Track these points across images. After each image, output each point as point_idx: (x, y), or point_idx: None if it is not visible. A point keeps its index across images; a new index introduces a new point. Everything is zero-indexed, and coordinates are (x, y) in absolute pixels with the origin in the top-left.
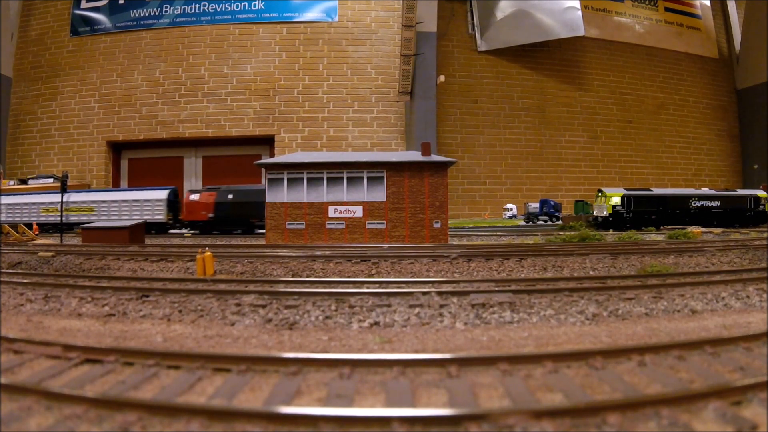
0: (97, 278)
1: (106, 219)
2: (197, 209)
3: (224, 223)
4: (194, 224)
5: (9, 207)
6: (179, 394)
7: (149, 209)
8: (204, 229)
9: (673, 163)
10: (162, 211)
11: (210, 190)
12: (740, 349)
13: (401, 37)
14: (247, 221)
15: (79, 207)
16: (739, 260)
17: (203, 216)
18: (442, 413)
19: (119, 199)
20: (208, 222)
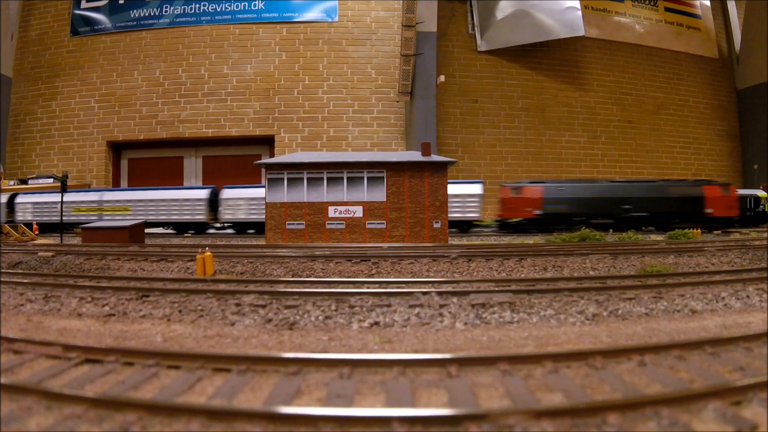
0: (97, 278)
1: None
2: (520, 205)
3: (553, 221)
4: (518, 223)
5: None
6: (179, 394)
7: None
8: (524, 228)
9: (673, 163)
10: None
11: (533, 184)
12: (740, 349)
13: (401, 37)
14: (583, 220)
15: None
16: (739, 260)
17: (527, 213)
18: (442, 413)
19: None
20: (533, 220)
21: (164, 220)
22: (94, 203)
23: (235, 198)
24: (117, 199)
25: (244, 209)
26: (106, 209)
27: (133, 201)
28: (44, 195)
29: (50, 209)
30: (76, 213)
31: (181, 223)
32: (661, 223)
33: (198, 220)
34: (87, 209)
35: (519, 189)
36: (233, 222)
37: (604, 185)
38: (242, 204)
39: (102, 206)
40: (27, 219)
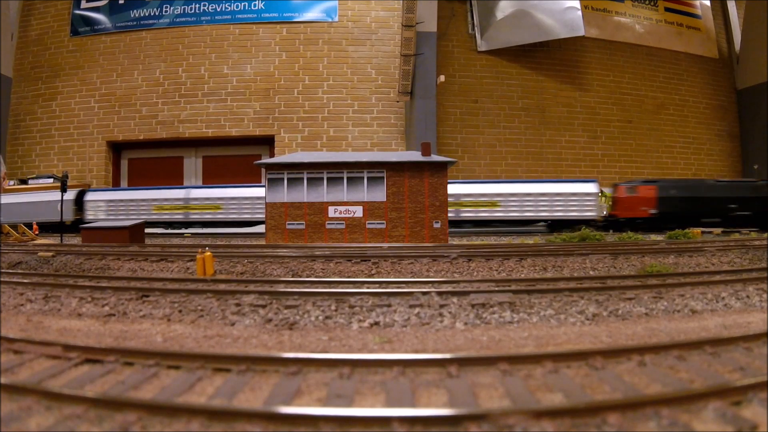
0: (97, 278)
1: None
2: (635, 204)
3: (667, 219)
4: (633, 221)
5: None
6: (179, 394)
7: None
8: (639, 227)
9: (673, 163)
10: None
11: (646, 184)
12: (740, 349)
13: (401, 37)
14: (695, 219)
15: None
16: (739, 260)
17: (643, 212)
18: (442, 413)
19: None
20: (647, 219)
21: (261, 219)
22: (180, 201)
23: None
24: (207, 197)
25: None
26: (193, 207)
27: (225, 198)
28: (119, 192)
29: (127, 207)
30: (157, 211)
31: None
32: (764, 222)
33: None
34: (171, 207)
35: (634, 188)
36: None
37: (712, 184)
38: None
39: (189, 204)
40: (99, 218)
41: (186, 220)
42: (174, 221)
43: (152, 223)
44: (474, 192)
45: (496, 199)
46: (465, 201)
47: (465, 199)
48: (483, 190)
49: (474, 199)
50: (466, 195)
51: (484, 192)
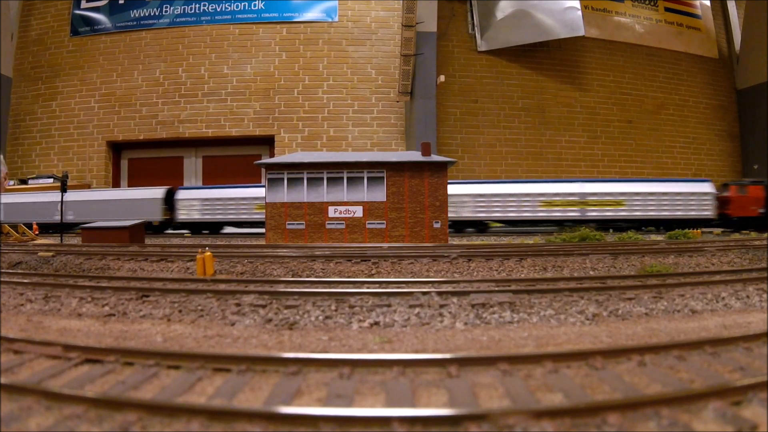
0: (97, 278)
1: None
2: (746, 204)
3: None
4: (744, 220)
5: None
6: (179, 394)
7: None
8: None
9: (674, 163)
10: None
11: (755, 183)
12: (740, 349)
13: (401, 37)
14: None
15: (601, 200)
16: (739, 260)
17: (752, 211)
18: (442, 413)
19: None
20: (756, 218)
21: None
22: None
23: None
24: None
25: None
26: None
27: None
28: (216, 190)
29: (225, 205)
30: (259, 210)
31: None
32: None
33: None
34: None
35: (745, 188)
36: None
37: None
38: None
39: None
40: (193, 218)
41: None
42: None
43: (249, 222)
44: (599, 191)
45: (621, 198)
46: (590, 200)
47: (590, 198)
48: (608, 189)
49: (599, 198)
50: (591, 194)
51: (610, 191)
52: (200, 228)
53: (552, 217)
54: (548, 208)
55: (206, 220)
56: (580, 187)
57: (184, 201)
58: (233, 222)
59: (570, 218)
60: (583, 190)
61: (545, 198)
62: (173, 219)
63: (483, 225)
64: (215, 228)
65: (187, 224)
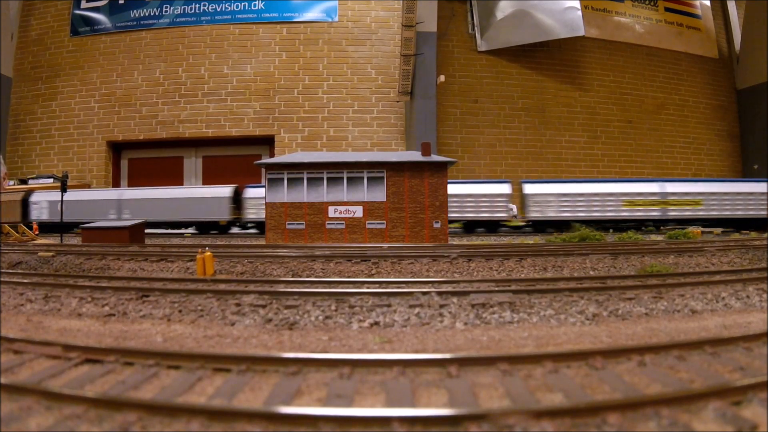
0: (97, 278)
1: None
2: None
3: None
4: None
5: None
6: (179, 394)
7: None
8: None
9: (673, 163)
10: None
11: None
12: (740, 349)
13: (401, 37)
14: None
15: (680, 200)
16: (739, 260)
17: None
18: (442, 413)
19: None
20: None
21: None
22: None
23: (542, 194)
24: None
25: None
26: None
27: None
28: None
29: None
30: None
31: None
32: None
33: None
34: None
35: None
36: None
37: None
38: (552, 201)
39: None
40: (261, 217)
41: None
42: None
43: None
44: (680, 191)
45: (700, 198)
46: (671, 200)
47: (671, 197)
48: (688, 189)
49: (679, 197)
50: (671, 194)
51: (690, 191)
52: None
53: (634, 216)
54: (631, 207)
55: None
56: (661, 187)
57: (252, 200)
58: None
59: (651, 218)
60: (665, 190)
61: (628, 197)
62: (241, 218)
63: (567, 225)
64: None
65: (257, 223)
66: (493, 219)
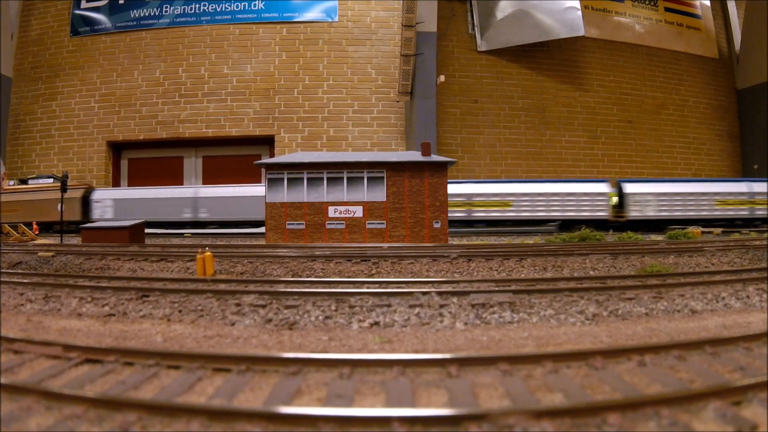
0: (97, 278)
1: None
2: None
3: None
4: None
5: None
6: (179, 394)
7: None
8: None
9: (673, 163)
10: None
11: None
12: (740, 349)
13: (401, 37)
14: None
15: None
16: (739, 260)
17: None
18: (442, 413)
19: None
20: None
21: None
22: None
23: (642, 193)
24: None
25: (653, 206)
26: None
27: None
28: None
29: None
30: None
31: None
32: None
33: (599, 216)
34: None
35: None
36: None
37: None
38: (651, 200)
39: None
40: None
41: (468, 218)
42: None
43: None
44: (724, 191)
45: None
46: (758, 199)
47: (758, 197)
48: (734, 189)
49: (722, 198)
50: (759, 193)
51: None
52: None
53: (726, 215)
54: (723, 207)
55: None
56: (749, 187)
57: None
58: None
59: (740, 216)
60: (752, 190)
61: (720, 197)
62: None
63: (664, 225)
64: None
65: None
66: (595, 218)
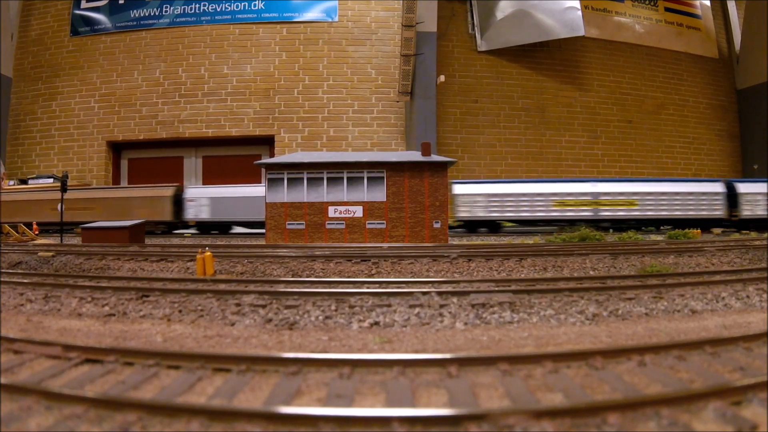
0: (97, 278)
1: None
2: None
3: None
4: None
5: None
6: (179, 394)
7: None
8: None
9: (674, 163)
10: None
11: None
12: (740, 349)
13: (401, 37)
14: None
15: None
16: (739, 260)
17: None
18: (442, 413)
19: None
20: None
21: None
22: (588, 195)
23: (752, 193)
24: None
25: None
26: (604, 203)
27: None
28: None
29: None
30: (559, 207)
31: None
32: None
33: (715, 215)
34: (576, 203)
35: None
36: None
37: None
38: (760, 200)
39: (598, 199)
40: (477, 215)
41: (594, 218)
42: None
43: (549, 221)
44: None
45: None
46: None
47: None
48: None
49: None
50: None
51: None
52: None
53: None
54: None
55: (492, 218)
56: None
57: (463, 197)
58: (524, 221)
59: None
60: None
61: None
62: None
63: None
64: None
65: (471, 222)
66: (712, 217)
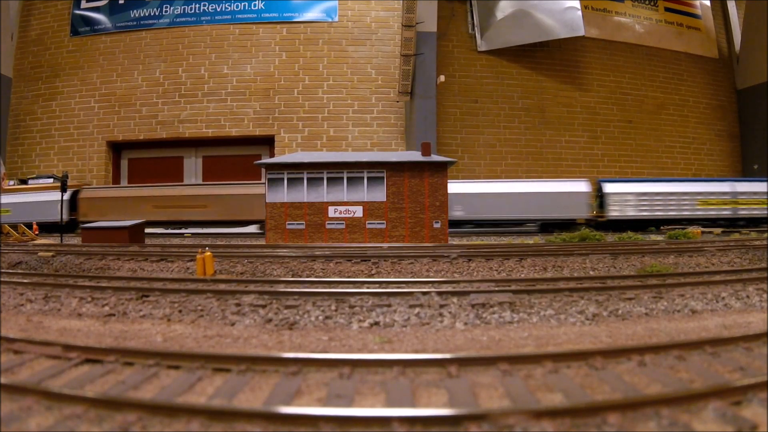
0: (97, 278)
1: None
2: None
3: None
4: None
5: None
6: (179, 394)
7: None
8: None
9: (673, 163)
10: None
11: None
12: (740, 349)
13: (401, 37)
14: None
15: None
16: (739, 260)
17: None
18: (442, 413)
19: None
20: None
21: None
22: (727, 195)
23: None
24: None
25: None
26: (742, 203)
27: None
28: (660, 184)
29: (665, 200)
30: (703, 207)
31: None
32: None
33: None
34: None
35: None
36: None
37: None
38: None
39: (737, 198)
40: (628, 215)
41: (733, 216)
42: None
43: (692, 219)
44: None
45: None
46: None
47: None
48: None
49: None
50: None
51: None
52: (634, 226)
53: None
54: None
55: (642, 217)
56: None
57: (614, 195)
58: (672, 219)
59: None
60: None
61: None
62: (604, 216)
63: None
64: (650, 225)
65: (619, 222)
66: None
